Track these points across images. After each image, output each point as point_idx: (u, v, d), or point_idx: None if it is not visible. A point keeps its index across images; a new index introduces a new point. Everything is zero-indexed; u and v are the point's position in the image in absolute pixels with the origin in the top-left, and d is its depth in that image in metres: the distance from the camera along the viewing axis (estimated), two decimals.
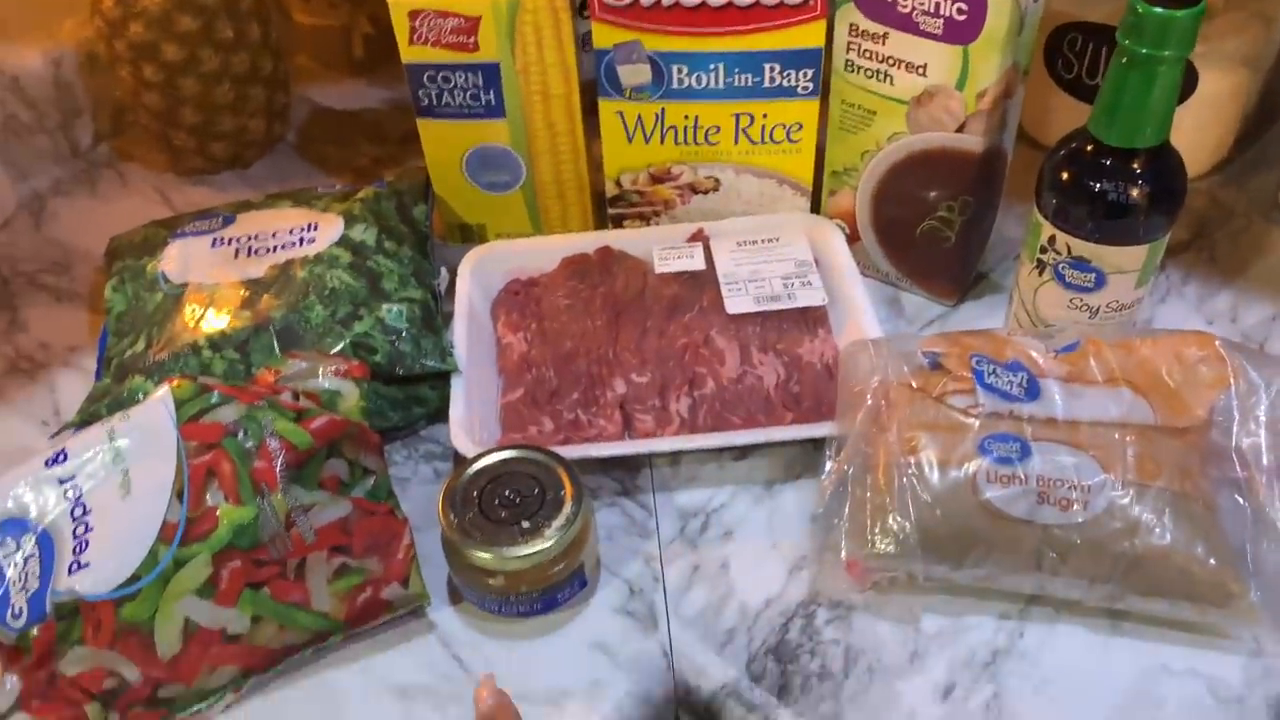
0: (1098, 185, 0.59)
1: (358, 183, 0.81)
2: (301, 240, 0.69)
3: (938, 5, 0.63)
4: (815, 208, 0.79)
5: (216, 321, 0.64)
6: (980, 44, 0.63)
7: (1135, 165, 0.58)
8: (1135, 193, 0.59)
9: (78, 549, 0.51)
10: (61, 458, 0.53)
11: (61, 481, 0.52)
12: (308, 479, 0.54)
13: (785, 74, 0.70)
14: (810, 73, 0.70)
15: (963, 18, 0.62)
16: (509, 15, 0.69)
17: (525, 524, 0.53)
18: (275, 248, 0.68)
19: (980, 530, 0.55)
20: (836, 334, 0.71)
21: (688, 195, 0.78)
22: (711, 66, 0.70)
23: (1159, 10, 0.53)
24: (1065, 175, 0.60)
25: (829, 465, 0.59)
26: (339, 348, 0.64)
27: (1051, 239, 0.62)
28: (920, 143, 0.69)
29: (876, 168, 0.72)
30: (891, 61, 0.67)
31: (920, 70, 0.66)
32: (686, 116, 0.73)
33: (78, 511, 0.51)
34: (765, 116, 0.73)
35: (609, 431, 0.66)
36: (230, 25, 0.81)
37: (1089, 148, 0.59)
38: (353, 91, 0.99)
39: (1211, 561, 0.53)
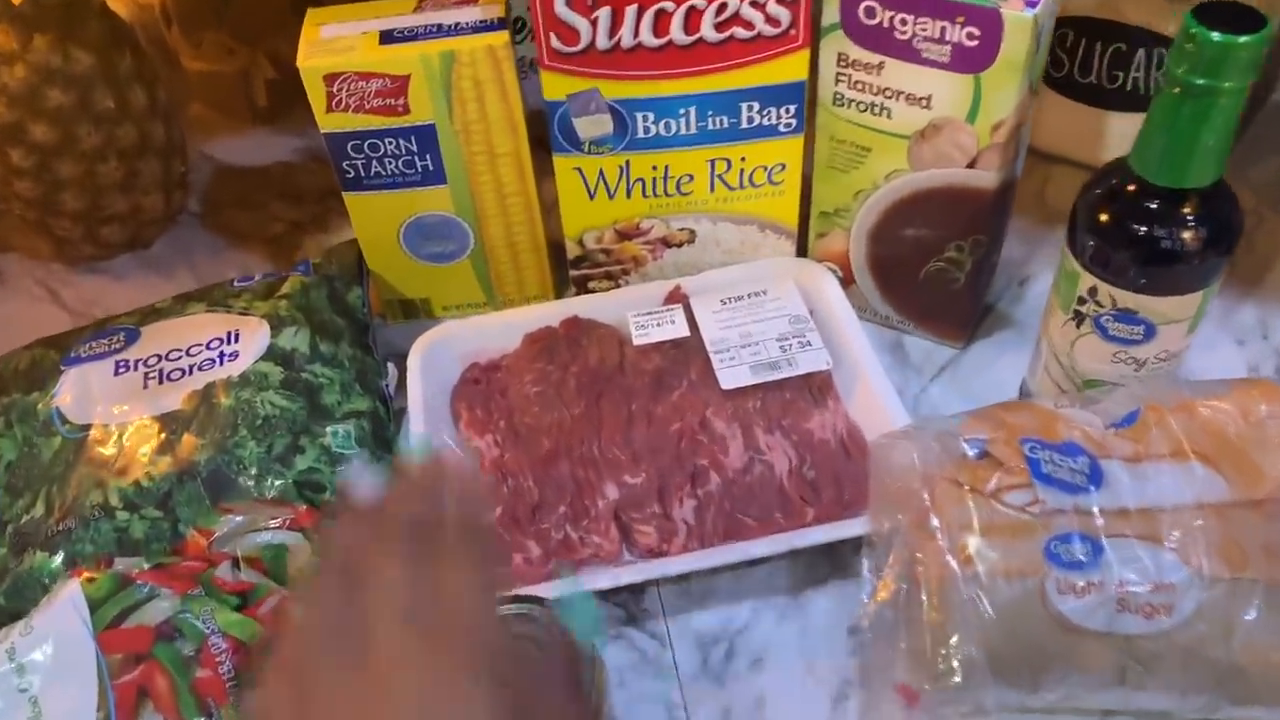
0: (1146, 230, 0.51)
1: (277, 263, 0.70)
2: (222, 356, 0.58)
3: (944, 30, 0.55)
4: (801, 251, 0.70)
5: (130, 473, 0.53)
6: (995, 71, 0.55)
7: (1188, 208, 0.51)
8: (1190, 237, 0.51)
9: None
10: None
11: None
12: None
13: (765, 112, 0.62)
14: (793, 108, 0.62)
15: (974, 43, 0.54)
16: (443, 71, 0.59)
17: None
18: (191, 368, 0.58)
19: (1055, 648, 0.48)
20: (845, 397, 0.63)
21: (660, 250, 0.69)
22: (681, 111, 0.61)
23: (1218, 36, 0.45)
24: (1106, 218, 0.53)
25: (869, 580, 0.51)
26: (280, 489, 0.54)
27: (1092, 290, 0.54)
28: (925, 180, 0.61)
29: (874, 207, 0.64)
30: (889, 93, 0.58)
31: (924, 102, 0.58)
32: (655, 167, 0.64)
33: None
34: (744, 160, 0.64)
35: (605, 549, 0.57)
36: (110, 94, 0.68)
37: (1131, 187, 0.51)
38: (259, 143, 0.86)
39: None
